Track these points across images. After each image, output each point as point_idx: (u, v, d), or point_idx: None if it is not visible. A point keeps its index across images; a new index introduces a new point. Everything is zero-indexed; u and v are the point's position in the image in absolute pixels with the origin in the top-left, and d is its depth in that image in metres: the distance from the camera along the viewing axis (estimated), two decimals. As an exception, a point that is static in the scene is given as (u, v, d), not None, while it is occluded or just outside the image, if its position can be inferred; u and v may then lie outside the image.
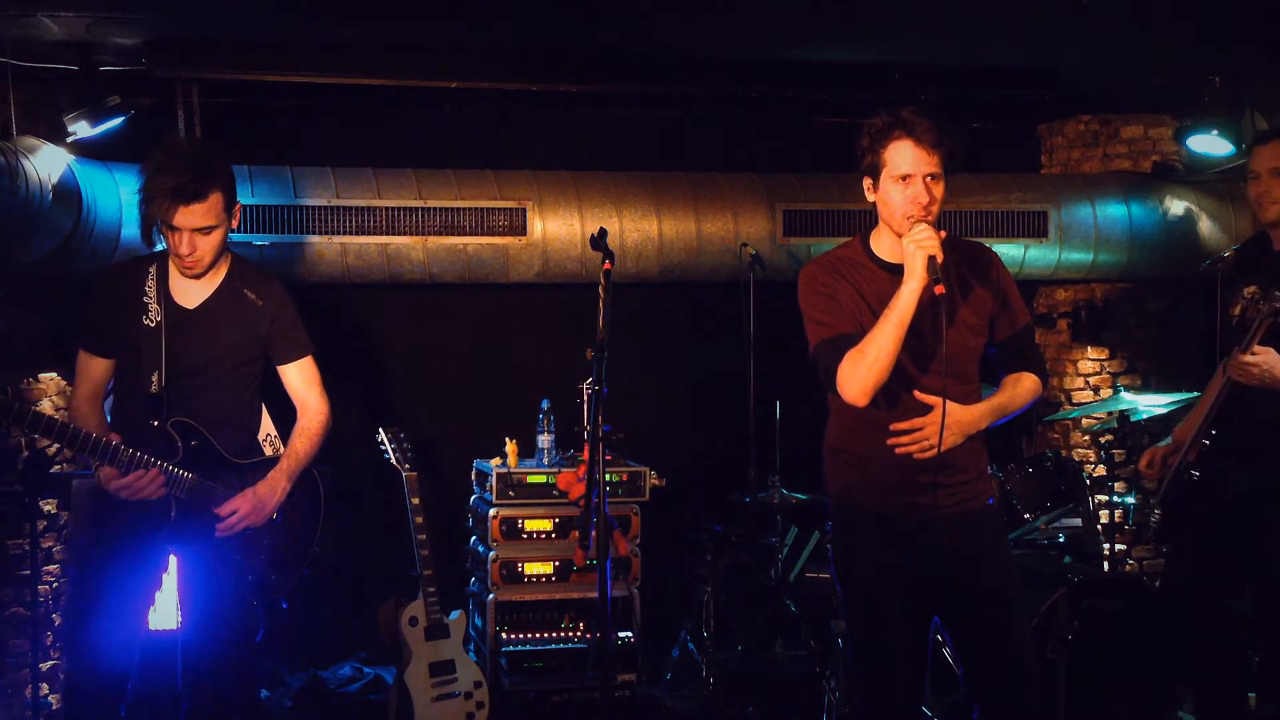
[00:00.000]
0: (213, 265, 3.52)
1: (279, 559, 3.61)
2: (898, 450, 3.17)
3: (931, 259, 3.02)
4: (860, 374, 3.09)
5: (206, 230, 3.41)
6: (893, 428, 3.17)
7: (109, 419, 3.63)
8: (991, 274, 3.29)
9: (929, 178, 3.11)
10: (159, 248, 3.56)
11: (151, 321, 3.47)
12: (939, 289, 3.02)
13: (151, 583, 3.56)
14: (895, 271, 3.15)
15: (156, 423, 3.44)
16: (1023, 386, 3.30)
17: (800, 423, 4.57)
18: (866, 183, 3.22)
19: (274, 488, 3.58)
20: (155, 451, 3.40)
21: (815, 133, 6.10)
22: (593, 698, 4.79)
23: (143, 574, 3.51)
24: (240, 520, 3.51)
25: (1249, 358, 3.77)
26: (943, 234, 3.09)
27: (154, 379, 3.45)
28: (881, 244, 3.27)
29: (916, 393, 3.17)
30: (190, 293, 3.54)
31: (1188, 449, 4.06)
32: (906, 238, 3.07)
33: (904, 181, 3.11)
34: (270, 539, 3.61)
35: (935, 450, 3.12)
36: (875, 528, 3.27)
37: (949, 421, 3.11)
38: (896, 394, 3.18)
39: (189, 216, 3.36)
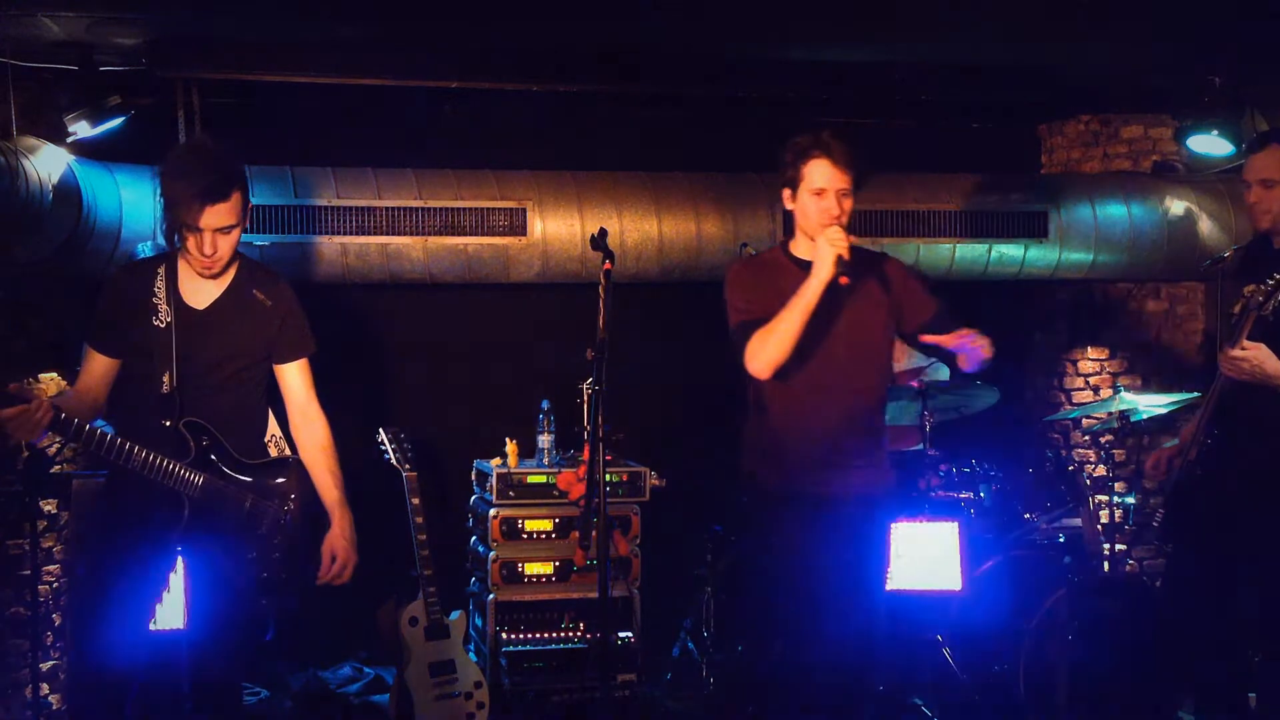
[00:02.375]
0: (228, 267, 3.53)
1: (291, 558, 3.62)
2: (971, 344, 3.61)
3: (840, 257, 3.47)
4: (767, 349, 3.55)
5: (227, 230, 3.41)
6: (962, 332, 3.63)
7: (112, 420, 3.63)
8: (888, 273, 3.75)
9: (840, 193, 3.57)
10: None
11: (161, 322, 3.47)
12: (844, 280, 3.48)
13: (159, 583, 3.56)
14: (809, 268, 3.57)
15: (168, 423, 3.44)
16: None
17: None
18: (786, 193, 3.67)
19: (350, 519, 3.66)
20: (166, 452, 3.40)
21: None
22: (593, 698, 4.79)
23: (151, 574, 3.51)
24: (349, 567, 3.61)
25: (1238, 352, 3.77)
26: (851, 238, 3.54)
27: (165, 379, 3.44)
28: (798, 247, 3.74)
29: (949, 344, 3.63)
30: (200, 293, 3.54)
31: (1189, 449, 4.06)
32: (821, 237, 3.53)
33: (819, 195, 3.58)
34: (283, 538, 3.61)
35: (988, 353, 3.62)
36: (788, 506, 3.65)
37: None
38: (806, 379, 3.61)
39: (214, 216, 3.36)
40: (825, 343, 3.60)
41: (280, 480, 3.64)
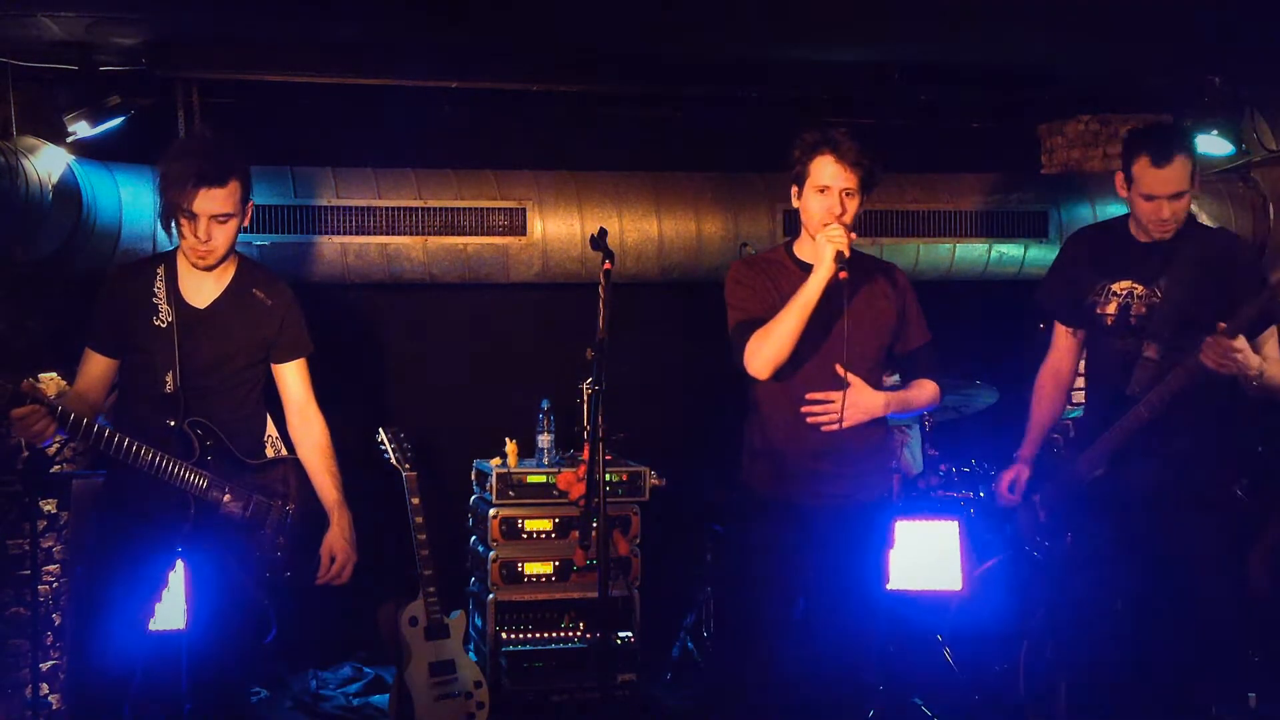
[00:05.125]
0: (224, 259, 3.52)
1: (292, 558, 3.62)
2: (809, 419, 3.53)
3: (839, 253, 3.40)
4: (764, 349, 3.49)
5: (224, 219, 3.41)
6: (807, 397, 3.54)
7: (112, 420, 3.63)
8: (893, 291, 3.68)
9: (845, 192, 3.50)
10: (175, 242, 3.56)
11: (162, 322, 3.47)
12: (843, 275, 3.40)
13: (159, 583, 3.57)
14: (810, 270, 3.50)
15: (173, 423, 3.44)
16: (925, 390, 3.71)
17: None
18: (793, 190, 3.61)
19: (349, 519, 3.67)
20: (171, 452, 3.40)
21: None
22: (593, 698, 4.79)
23: (151, 574, 3.52)
24: (348, 567, 3.63)
25: (1240, 343, 3.52)
26: (853, 236, 3.47)
27: (168, 379, 3.44)
28: (802, 248, 3.67)
29: (837, 367, 3.50)
30: (200, 292, 3.54)
31: (1097, 463, 3.84)
32: (820, 234, 3.47)
33: (823, 192, 3.51)
34: (284, 538, 3.62)
35: (845, 422, 3.49)
36: (783, 512, 3.59)
37: (854, 399, 3.50)
38: (804, 382, 3.55)
39: (209, 202, 3.36)
40: (825, 345, 3.54)
41: (281, 480, 3.65)
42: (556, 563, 5.00)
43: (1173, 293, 3.74)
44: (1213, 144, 5.44)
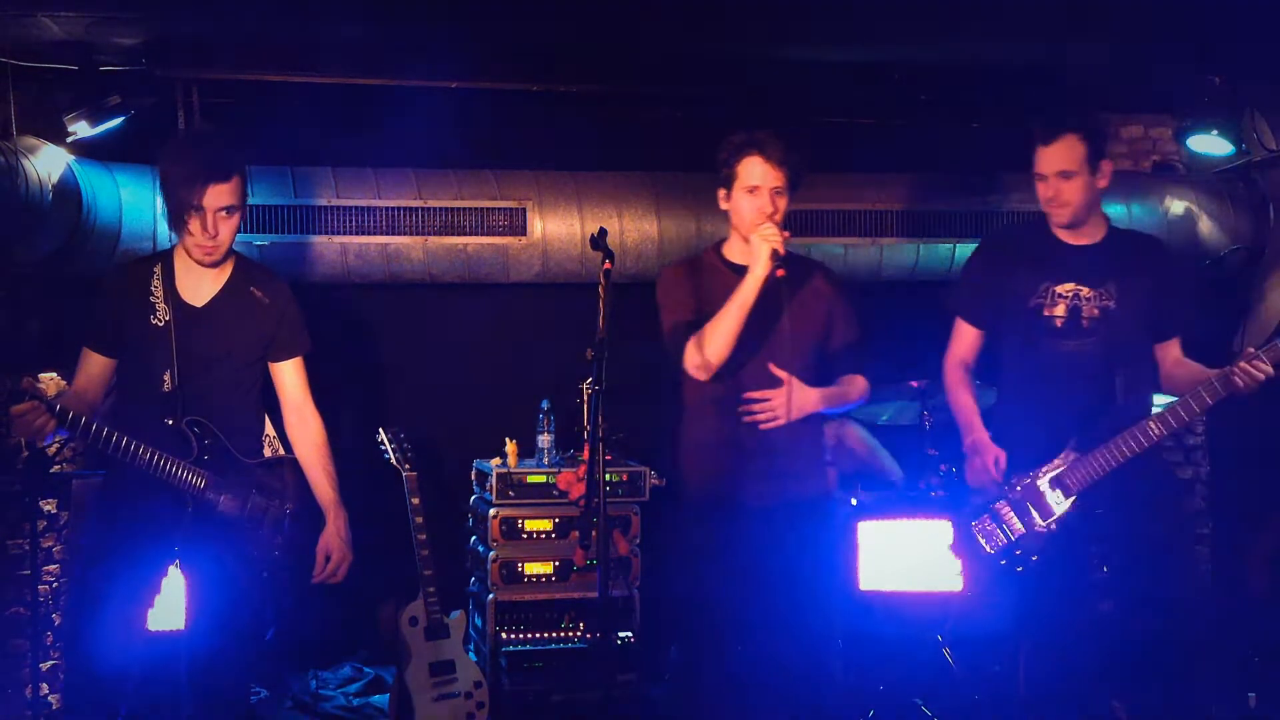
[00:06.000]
0: (226, 257, 3.53)
1: (290, 558, 3.62)
2: (746, 419, 3.53)
3: (774, 251, 3.44)
4: (705, 350, 3.51)
5: (230, 211, 3.42)
6: (745, 396, 3.54)
7: (111, 419, 3.63)
8: (823, 289, 3.70)
9: (775, 191, 3.53)
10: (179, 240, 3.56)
11: (160, 320, 3.47)
12: (780, 272, 3.43)
13: (156, 583, 3.57)
14: (743, 273, 3.52)
15: (170, 422, 3.44)
16: (856, 385, 3.72)
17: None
18: (721, 193, 3.65)
19: (345, 518, 3.67)
20: (169, 451, 3.40)
21: (815, 133, 6.08)
22: (593, 698, 4.79)
23: (148, 574, 3.52)
24: (343, 566, 3.64)
25: (1268, 366, 3.43)
26: (786, 234, 3.49)
27: (166, 378, 3.44)
28: (732, 250, 3.71)
29: (771, 365, 3.52)
30: (198, 291, 3.54)
31: (1085, 479, 3.67)
32: (755, 234, 3.49)
33: (752, 193, 3.54)
34: (282, 538, 3.62)
35: (782, 420, 3.50)
36: (723, 516, 3.58)
37: (791, 397, 3.50)
38: (741, 382, 3.57)
39: (217, 195, 3.38)
40: (759, 345, 3.56)
41: (279, 480, 3.66)
42: (556, 563, 5.00)
43: (1130, 298, 3.71)
44: (1213, 144, 5.45)
